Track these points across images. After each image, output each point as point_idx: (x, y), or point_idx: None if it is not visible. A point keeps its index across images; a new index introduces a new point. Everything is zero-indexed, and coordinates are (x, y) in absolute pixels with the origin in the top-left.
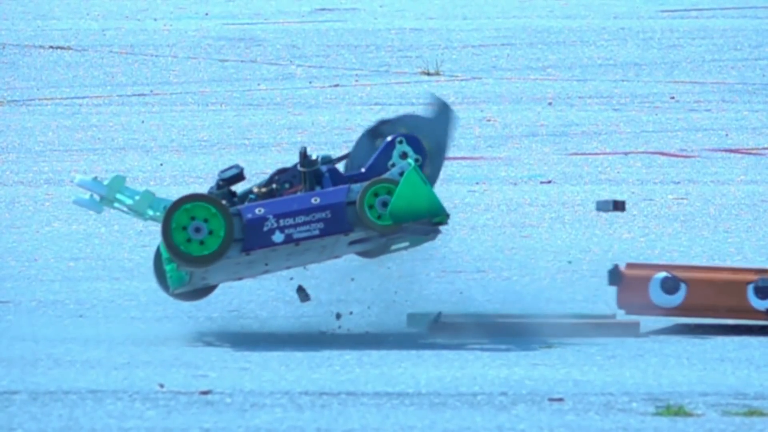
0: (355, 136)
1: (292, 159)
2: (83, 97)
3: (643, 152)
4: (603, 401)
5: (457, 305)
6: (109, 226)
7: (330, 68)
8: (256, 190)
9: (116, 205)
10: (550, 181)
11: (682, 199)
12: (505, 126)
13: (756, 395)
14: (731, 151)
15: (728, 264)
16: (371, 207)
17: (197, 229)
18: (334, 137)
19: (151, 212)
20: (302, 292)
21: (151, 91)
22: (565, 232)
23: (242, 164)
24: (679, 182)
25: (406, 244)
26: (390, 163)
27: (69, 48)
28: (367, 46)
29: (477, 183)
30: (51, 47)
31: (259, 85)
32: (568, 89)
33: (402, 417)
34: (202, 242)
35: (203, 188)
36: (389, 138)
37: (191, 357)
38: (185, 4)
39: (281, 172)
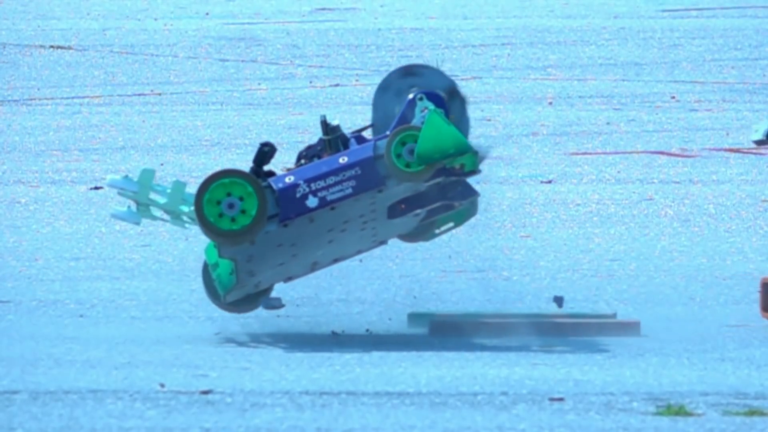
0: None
1: (292, 158)
2: (83, 97)
3: (643, 152)
4: (603, 401)
5: (457, 305)
6: (109, 225)
7: (330, 68)
8: (286, 170)
9: (153, 211)
10: (550, 181)
11: (682, 199)
12: (505, 126)
13: (756, 395)
14: (731, 150)
15: None
16: (399, 156)
17: (230, 205)
18: None
19: (185, 208)
20: (274, 301)
21: (151, 91)
22: (565, 232)
23: (242, 164)
24: (679, 182)
25: (452, 224)
26: (413, 120)
27: (69, 48)
28: (367, 46)
29: (477, 183)
30: (51, 47)
31: (259, 85)
32: (569, 89)
33: (402, 417)
34: (243, 211)
35: None
36: (410, 96)
37: (191, 357)
38: (185, 4)
39: (309, 148)
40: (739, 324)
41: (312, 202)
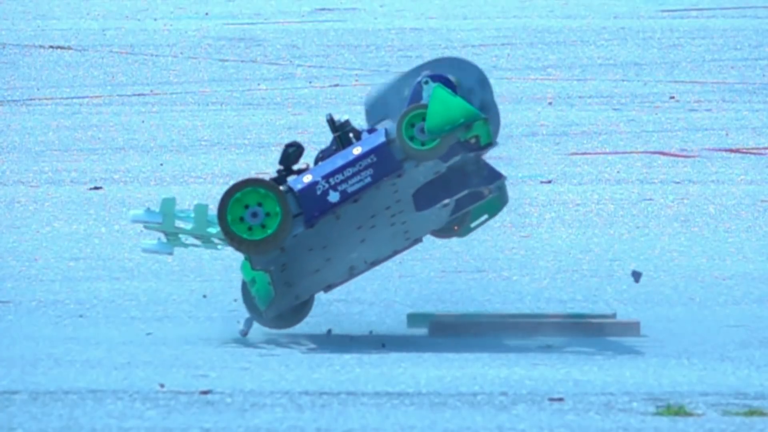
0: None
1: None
2: (83, 97)
3: (643, 152)
4: (603, 401)
5: (457, 305)
6: (109, 226)
7: (330, 68)
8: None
9: (182, 238)
10: (550, 181)
11: (682, 199)
12: (505, 126)
13: (756, 395)
14: (731, 150)
15: None
16: (411, 136)
17: (254, 215)
18: None
19: (213, 230)
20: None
21: (151, 91)
22: (565, 232)
23: (242, 164)
24: (679, 182)
25: (486, 216)
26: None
27: (69, 48)
28: (367, 46)
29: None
30: (51, 47)
31: (259, 85)
32: (568, 89)
33: (402, 417)
34: (263, 225)
35: (202, 188)
36: (416, 80)
37: (191, 357)
38: (185, 4)
39: (324, 150)
40: (739, 324)
41: (333, 197)
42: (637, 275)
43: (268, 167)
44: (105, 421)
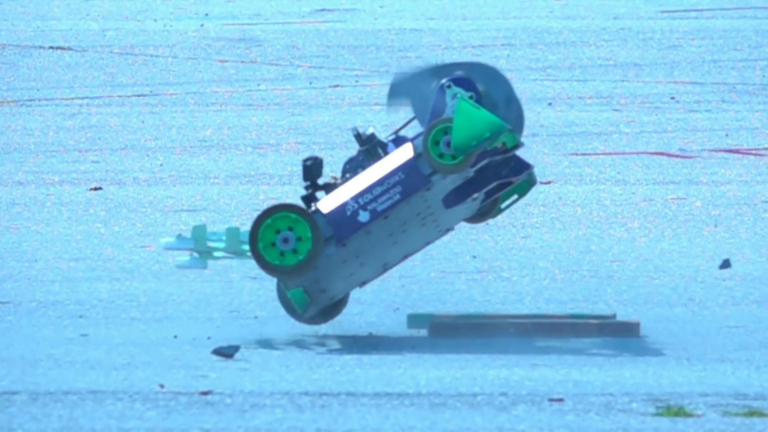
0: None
1: (292, 159)
2: (83, 98)
3: (643, 152)
4: (603, 402)
5: (457, 305)
6: (109, 226)
7: (330, 68)
8: (333, 178)
9: (215, 254)
10: (550, 181)
11: (682, 199)
12: None
13: (756, 396)
14: (731, 151)
15: None
16: (440, 154)
17: (285, 240)
18: (335, 138)
19: (246, 247)
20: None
21: (151, 92)
22: (565, 232)
23: (242, 165)
24: (679, 182)
25: (515, 196)
26: (446, 109)
27: (69, 48)
28: (367, 46)
29: None
30: (51, 47)
31: (259, 85)
32: (568, 89)
33: (402, 417)
34: (295, 250)
35: (202, 188)
36: (438, 86)
37: (191, 357)
38: (185, 4)
39: (351, 161)
40: (739, 325)
41: (363, 216)
42: (726, 263)
43: (268, 168)
44: (105, 422)
